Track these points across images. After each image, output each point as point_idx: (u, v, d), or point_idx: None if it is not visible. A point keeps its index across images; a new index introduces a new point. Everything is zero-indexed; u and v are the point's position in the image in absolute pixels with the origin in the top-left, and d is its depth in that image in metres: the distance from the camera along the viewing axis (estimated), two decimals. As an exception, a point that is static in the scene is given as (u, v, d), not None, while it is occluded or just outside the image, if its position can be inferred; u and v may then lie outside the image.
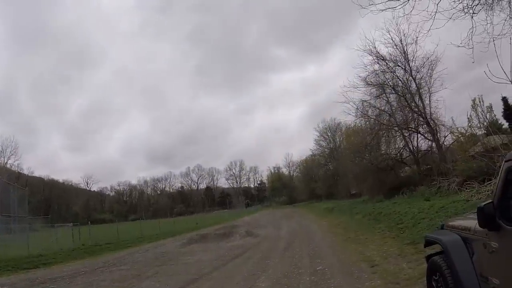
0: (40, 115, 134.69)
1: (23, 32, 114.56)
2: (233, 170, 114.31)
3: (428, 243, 4.38)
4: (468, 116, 17.00)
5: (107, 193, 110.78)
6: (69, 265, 12.37)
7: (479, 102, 16.49)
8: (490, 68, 8.43)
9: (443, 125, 21.90)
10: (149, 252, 15.48)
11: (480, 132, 17.88)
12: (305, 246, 11.45)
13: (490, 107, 16.47)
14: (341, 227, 15.91)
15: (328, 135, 62.53)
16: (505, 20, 9.27)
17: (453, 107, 32.03)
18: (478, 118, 16.49)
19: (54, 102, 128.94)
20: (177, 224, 35.76)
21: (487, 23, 9.19)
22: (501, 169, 3.17)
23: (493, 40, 9.03)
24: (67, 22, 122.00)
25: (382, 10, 10.09)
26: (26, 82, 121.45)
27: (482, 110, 16.52)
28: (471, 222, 3.52)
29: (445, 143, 22.15)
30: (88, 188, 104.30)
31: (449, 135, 21.66)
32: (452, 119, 18.80)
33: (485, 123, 16.22)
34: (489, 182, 12.05)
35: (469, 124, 16.84)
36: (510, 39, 8.65)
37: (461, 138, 18.14)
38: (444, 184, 16.84)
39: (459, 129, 18.18)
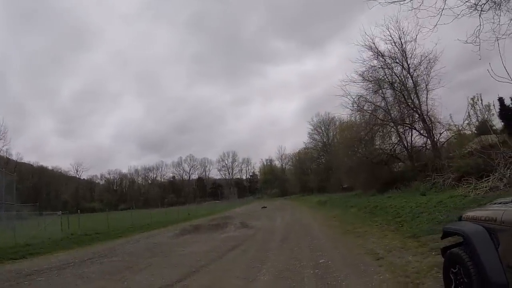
0: (31, 98, 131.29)
1: (17, 10, 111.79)
2: (226, 161, 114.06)
3: (446, 234, 4.21)
4: (467, 113, 17.10)
5: (97, 182, 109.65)
6: (57, 256, 12.01)
7: (478, 100, 16.60)
8: (489, 68, 8.47)
9: (439, 122, 22.03)
10: (141, 242, 15.14)
11: (476, 130, 18.02)
12: (303, 239, 11.26)
13: (488, 106, 16.56)
14: (337, 220, 15.81)
15: (321, 129, 62.76)
16: (511, 20, 9.30)
17: (448, 106, 32.15)
18: (477, 116, 16.60)
19: (45, 85, 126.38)
20: (168, 214, 35.46)
21: (493, 22, 9.22)
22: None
23: (497, 40, 9.09)
24: (63, 1, 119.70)
25: (391, 3, 10.00)
26: (17, 62, 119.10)
27: (480, 109, 16.62)
28: (497, 212, 3.38)
29: (440, 140, 22.27)
30: (78, 176, 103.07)
31: (444, 132, 21.82)
32: (450, 116, 18.89)
33: (483, 121, 16.32)
34: (487, 178, 12.08)
35: (468, 121, 16.92)
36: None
37: (459, 134, 18.18)
38: (439, 180, 16.90)
39: (457, 126, 18.20)
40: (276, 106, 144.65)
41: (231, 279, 6.72)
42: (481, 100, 16.46)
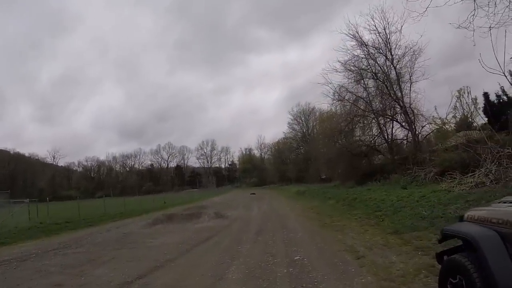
0: (8, 84, 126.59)
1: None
2: (205, 149, 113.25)
3: (445, 237, 3.60)
4: (453, 106, 16.81)
5: (74, 169, 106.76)
6: (21, 246, 11.48)
7: (465, 93, 16.31)
8: (480, 58, 8.12)
9: (421, 115, 21.82)
10: (111, 232, 14.40)
11: (456, 125, 17.82)
12: (279, 231, 10.68)
13: (475, 99, 16.31)
14: (314, 212, 15.34)
15: (301, 120, 62.57)
16: (506, 7, 8.90)
17: (431, 101, 32.27)
18: (463, 109, 16.32)
19: (23, 70, 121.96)
20: (144, 202, 34.42)
21: (489, 7, 8.78)
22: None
23: (490, 29, 8.72)
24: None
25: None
26: None
27: (467, 102, 16.35)
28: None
29: (421, 133, 22.12)
30: (55, 163, 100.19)
31: (427, 125, 21.63)
32: (435, 108, 18.62)
33: (466, 115, 16.07)
34: (473, 173, 11.75)
35: (453, 114, 16.63)
36: (505, 31, 8.37)
37: (443, 127, 17.94)
38: (421, 174, 16.74)
39: (441, 119, 17.92)
40: (258, 96, 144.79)
41: (197, 277, 6.05)
42: (468, 93, 16.13)
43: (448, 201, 9.17)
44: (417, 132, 22.10)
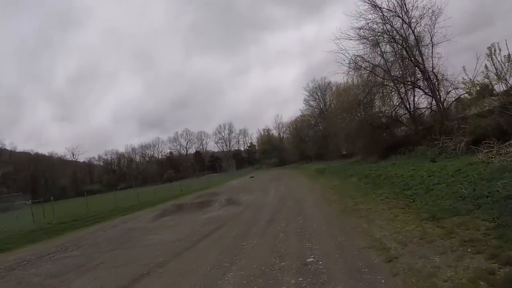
0: (24, 84, 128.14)
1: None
2: (222, 133, 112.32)
3: None
4: (484, 65, 14.68)
5: (95, 163, 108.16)
6: (18, 252, 11.01)
7: (496, 51, 14.12)
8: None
9: (446, 79, 19.59)
10: (116, 229, 13.66)
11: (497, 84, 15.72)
12: (293, 219, 9.30)
13: (508, 56, 14.06)
14: (335, 192, 13.79)
15: (318, 95, 60.20)
16: None
17: (453, 67, 29.09)
18: (495, 68, 14.16)
19: (37, 69, 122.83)
20: (160, 192, 33.85)
21: None
22: None
23: None
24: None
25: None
26: (7, 48, 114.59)
27: (500, 60, 14.16)
28: None
29: (447, 99, 20.00)
30: (75, 160, 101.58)
31: (452, 91, 19.44)
32: (463, 68, 16.25)
33: (502, 75, 13.90)
34: (512, 141, 9.94)
35: (485, 74, 14.49)
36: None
37: (474, 89, 15.83)
38: (449, 144, 14.90)
39: (472, 80, 15.76)
40: (275, 75, 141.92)
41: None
42: (499, 49, 13.90)
43: (491, 175, 7.44)
44: (442, 99, 19.98)
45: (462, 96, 18.94)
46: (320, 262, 5.15)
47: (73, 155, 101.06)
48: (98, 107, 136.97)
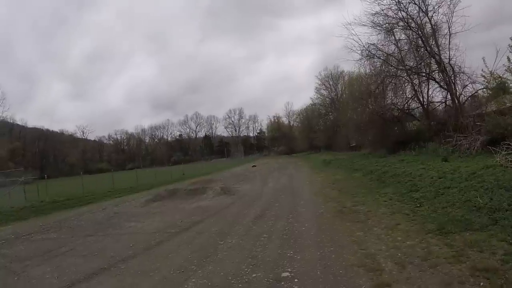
0: (39, 62, 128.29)
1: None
2: (232, 118, 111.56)
3: None
4: (507, 57, 13.39)
5: (105, 142, 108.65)
6: (1, 229, 10.78)
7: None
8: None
9: (463, 72, 18.17)
10: (104, 212, 13.00)
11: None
12: (283, 217, 8.41)
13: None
14: (336, 188, 12.76)
15: (329, 84, 58.63)
16: None
17: (471, 61, 27.07)
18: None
19: (52, 47, 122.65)
20: (162, 174, 33.31)
21: None
22: None
23: None
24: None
25: None
26: (24, 25, 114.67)
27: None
28: None
29: (463, 94, 18.63)
30: (85, 137, 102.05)
31: (469, 85, 18.05)
32: (483, 60, 14.90)
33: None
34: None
35: (507, 67, 13.21)
36: None
37: (493, 82, 14.52)
38: (464, 143, 13.76)
39: (492, 73, 14.45)
40: (290, 62, 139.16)
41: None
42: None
43: (511, 182, 6.40)
44: (458, 93, 18.61)
45: (479, 91, 17.65)
46: (296, 280, 4.25)
47: (83, 133, 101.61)
48: (111, 87, 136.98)
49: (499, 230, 4.73)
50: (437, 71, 19.99)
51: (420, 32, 20.07)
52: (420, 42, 20.30)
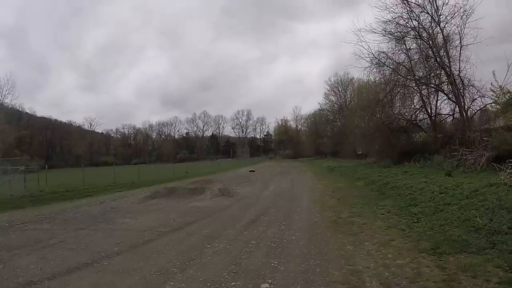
0: (51, 52, 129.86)
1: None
2: (240, 119, 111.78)
3: None
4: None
5: (112, 136, 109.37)
6: None
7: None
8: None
9: (473, 85, 17.81)
10: (101, 206, 12.98)
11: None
12: (276, 224, 8.21)
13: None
14: (335, 197, 12.49)
15: (339, 90, 58.33)
16: None
17: (482, 75, 26.51)
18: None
19: (66, 38, 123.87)
20: (165, 171, 33.25)
21: None
22: None
23: None
24: None
25: None
26: (38, 14, 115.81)
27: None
28: None
29: (471, 108, 18.24)
30: (92, 130, 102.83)
31: (478, 98, 17.66)
32: (493, 73, 14.57)
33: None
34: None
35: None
36: None
37: (503, 97, 14.16)
38: (469, 158, 13.43)
39: (502, 87, 14.11)
40: (302, 66, 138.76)
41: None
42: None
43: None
44: (466, 106, 18.23)
45: (488, 106, 17.26)
46: (275, 292, 4.04)
47: (90, 126, 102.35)
48: (122, 81, 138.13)
49: (496, 255, 4.48)
50: (446, 83, 19.71)
51: (431, 42, 19.81)
52: (430, 52, 20.03)
